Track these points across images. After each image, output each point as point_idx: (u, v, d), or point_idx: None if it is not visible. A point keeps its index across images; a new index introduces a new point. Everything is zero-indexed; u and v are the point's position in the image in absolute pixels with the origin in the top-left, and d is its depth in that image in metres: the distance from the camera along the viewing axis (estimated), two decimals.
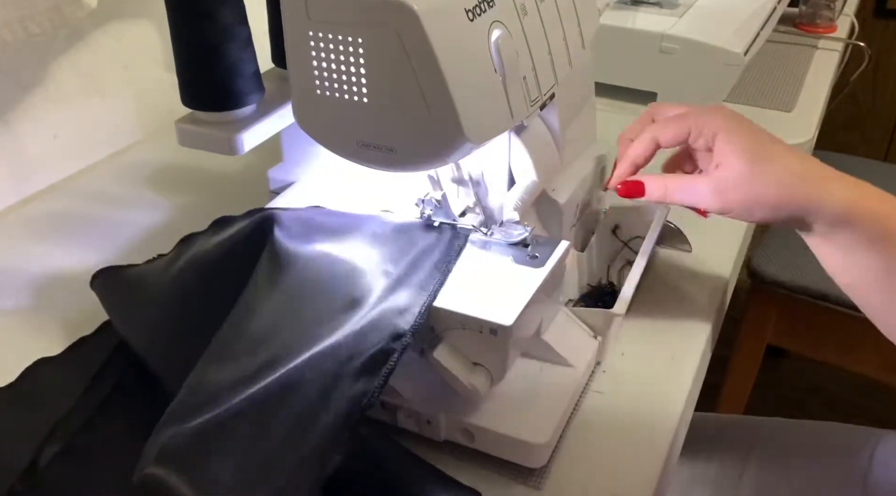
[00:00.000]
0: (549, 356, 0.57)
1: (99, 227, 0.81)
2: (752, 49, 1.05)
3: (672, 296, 0.70)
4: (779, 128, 1.04)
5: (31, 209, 0.84)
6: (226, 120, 0.58)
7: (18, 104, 0.84)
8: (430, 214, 0.59)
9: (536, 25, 0.53)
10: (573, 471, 0.54)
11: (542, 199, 0.64)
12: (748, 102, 1.10)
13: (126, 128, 0.98)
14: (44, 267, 0.74)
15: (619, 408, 0.58)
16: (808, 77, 1.19)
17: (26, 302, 0.70)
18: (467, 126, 0.46)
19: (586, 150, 0.71)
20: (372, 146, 0.49)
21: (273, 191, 0.72)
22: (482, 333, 0.50)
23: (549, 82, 0.56)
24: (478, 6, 0.47)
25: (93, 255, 0.75)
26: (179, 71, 0.57)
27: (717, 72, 1.03)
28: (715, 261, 0.75)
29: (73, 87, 0.90)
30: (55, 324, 0.66)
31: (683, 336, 0.65)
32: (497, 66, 0.49)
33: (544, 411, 0.54)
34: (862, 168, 1.61)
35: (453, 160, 0.51)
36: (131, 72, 0.97)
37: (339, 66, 0.47)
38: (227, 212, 0.59)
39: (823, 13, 1.33)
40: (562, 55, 0.57)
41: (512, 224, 0.58)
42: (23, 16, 0.74)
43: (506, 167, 0.63)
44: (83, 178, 0.91)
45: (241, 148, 0.58)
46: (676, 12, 1.10)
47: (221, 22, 0.55)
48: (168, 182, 0.89)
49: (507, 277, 0.54)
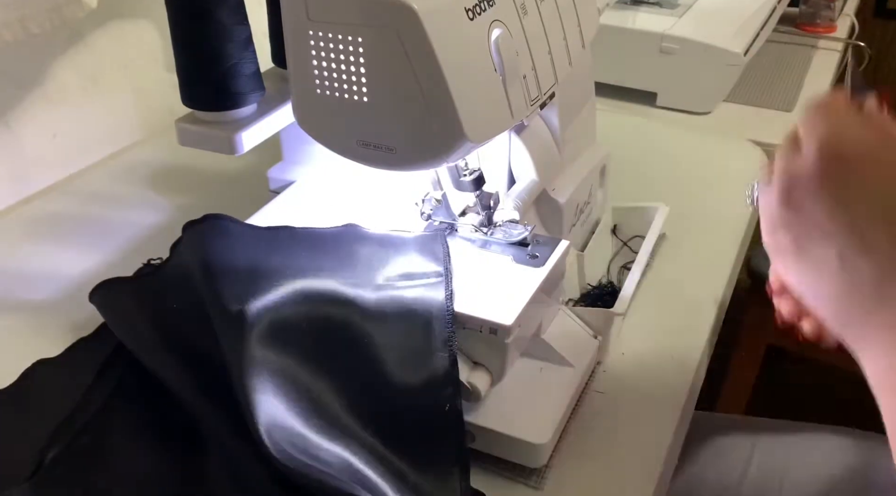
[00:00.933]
0: (550, 356, 0.57)
1: (99, 227, 0.81)
2: (752, 49, 1.05)
3: (672, 296, 0.70)
4: (779, 128, 1.04)
5: (31, 209, 0.84)
6: (225, 119, 0.58)
7: (18, 104, 0.84)
8: (430, 214, 0.59)
9: (536, 25, 0.53)
10: (573, 471, 0.54)
11: (542, 199, 0.64)
12: (748, 102, 1.10)
13: (126, 128, 0.98)
14: (43, 267, 0.74)
15: (619, 408, 0.58)
16: (808, 77, 1.19)
17: (25, 302, 0.70)
18: (467, 125, 0.46)
19: (586, 150, 0.71)
20: (372, 146, 0.49)
21: (273, 190, 0.72)
22: (482, 333, 0.50)
23: (549, 82, 0.56)
24: (478, 5, 0.47)
25: (93, 255, 0.75)
26: (179, 71, 0.57)
27: (717, 72, 1.03)
28: (715, 261, 0.75)
29: (72, 87, 0.90)
30: (54, 325, 0.66)
31: (683, 336, 0.65)
32: (497, 65, 0.49)
33: (544, 411, 0.54)
34: None
35: (453, 160, 0.51)
36: (131, 72, 0.97)
37: (339, 66, 0.47)
38: (227, 211, 0.59)
39: (823, 13, 1.33)
40: (562, 55, 0.57)
41: (512, 224, 0.58)
42: (23, 16, 0.74)
43: (506, 167, 0.63)
44: (83, 178, 0.91)
45: (241, 147, 0.58)
46: (676, 12, 1.10)
47: (221, 22, 0.55)
48: (168, 182, 0.89)
49: (507, 277, 0.54)
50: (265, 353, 0.50)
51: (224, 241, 0.56)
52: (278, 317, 0.52)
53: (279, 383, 0.49)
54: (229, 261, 0.54)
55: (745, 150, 0.95)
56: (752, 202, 0.46)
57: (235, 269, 0.54)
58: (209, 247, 0.55)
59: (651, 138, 0.98)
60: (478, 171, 0.57)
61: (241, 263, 0.54)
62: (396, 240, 0.57)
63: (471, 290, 0.52)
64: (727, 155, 0.94)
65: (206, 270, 0.54)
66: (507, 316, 0.49)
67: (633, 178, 0.85)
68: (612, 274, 0.72)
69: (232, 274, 0.54)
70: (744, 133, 0.99)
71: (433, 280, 0.53)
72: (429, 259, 0.55)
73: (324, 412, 0.49)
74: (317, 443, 0.47)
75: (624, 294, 0.60)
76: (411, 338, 0.51)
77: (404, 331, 0.51)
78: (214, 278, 0.53)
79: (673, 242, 0.76)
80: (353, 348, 0.51)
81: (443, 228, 0.58)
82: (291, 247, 0.56)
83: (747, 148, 0.95)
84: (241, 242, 0.56)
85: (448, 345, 0.50)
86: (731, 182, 0.88)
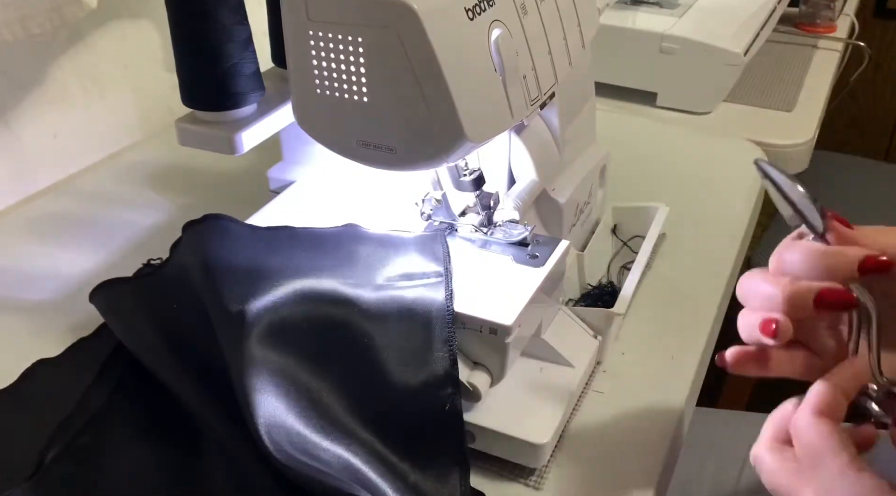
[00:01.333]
0: (550, 356, 0.57)
1: (99, 227, 0.81)
2: (752, 49, 1.05)
3: (672, 296, 0.70)
4: (779, 128, 1.04)
5: (31, 209, 0.84)
6: (226, 119, 0.58)
7: (18, 104, 0.84)
8: (430, 214, 0.59)
9: (536, 25, 0.53)
10: (573, 471, 0.54)
11: (542, 199, 0.64)
12: (748, 102, 1.10)
13: (126, 128, 0.98)
14: (43, 267, 0.74)
15: (619, 408, 0.58)
16: (808, 77, 1.19)
17: (25, 302, 0.70)
18: (467, 125, 0.46)
19: (586, 150, 0.71)
20: (372, 145, 0.49)
21: (273, 190, 0.72)
22: (482, 333, 0.50)
23: (549, 82, 0.56)
24: (478, 5, 0.47)
25: (93, 255, 0.75)
26: (179, 71, 0.57)
27: (717, 72, 1.03)
28: (715, 261, 0.75)
29: (73, 87, 0.90)
30: (55, 325, 0.66)
31: (683, 336, 0.65)
32: (497, 65, 0.49)
33: (544, 411, 0.54)
34: (862, 168, 1.61)
35: (453, 160, 0.51)
36: (131, 72, 0.97)
37: (339, 66, 0.47)
38: (227, 211, 0.59)
39: (823, 13, 1.33)
40: (562, 55, 0.57)
41: (512, 224, 0.58)
42: (23, 16, 0.74)
43: (506, 166, 0.63)
44: (83, 178, 0.91)
45: (241, 147, 0.58)
46: (676, 12, 1.10)
47: (221, 22, 0.55)
48: (168, 182, 0.89)
49: (507, 277, 0.54)
50: (265, 353, 0.50)
51: (224, 241, 0.56)
52: (278, 317, 0.52)
53: (279, 383, 0.49)
54: (229, 262, 0.54)
55: (745, 150, 0.95)
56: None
57: (235, 270, 0.54)
58: (209, 247, 0.55)
59: (651, 138, 0.98)
60: (478, 171, 0.57)
61: (240, 263, 0.54)
62: (396, 240, 0.57)
63: (471, 290, 0.52)
64: (727, 155, 0.94)
65: (206, 271, 0.54)
66: (507, 316, 0.49)
67: (633, 178, 0.85)
68: (612, 274, 0.72)
69: (231, 274, 0.54)
70: (744, 133, 1.00)
71: (433, 280, 0.53)
72: (429, 259, 0.55)
73: (324, 412, 0.49)
74: (316, 443, 0.47)
75: (624, 294, 0.60)
76: (411, 338, 0.51)
77: (404, 330, 0.51)
78: (214, 278, 0.53)
79: (673, 242, 0.76)
80: (352, 348, 0.51)
81: (443, 228, 0.58)
82: (291, 247, 0.56)
83: (747, 148, 0.95)
84: (241, 243, 0.56)
85: (448, 344, 0.50)
86: (731, 182, 0.88)
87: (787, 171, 0.43)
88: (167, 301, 0.58)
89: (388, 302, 0.53)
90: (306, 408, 0.49)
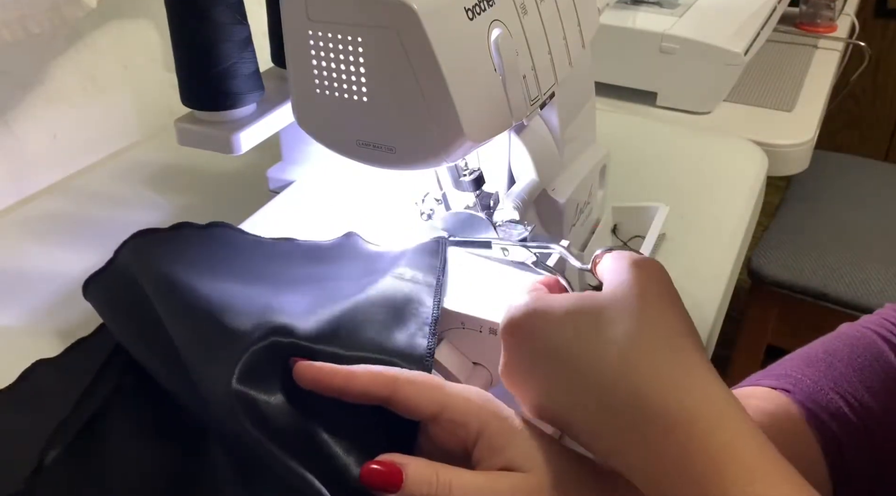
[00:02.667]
0: None
1: (99, 227, 0.81)
2: (752, 49, 1.05)
3: None
4: (779, 128, 1.04)
5: (31, 209, 0.84)
6: (225, 119, 0.58)
7: (18, 104, 0.84)
8: (430, 214, 0.59)
9: (536, 25, 0.53)
10: None
11: (542, 199, 0.64)
12: (748, 102, 1.10)
13: (126, 128, 0.98)
14: (43, 267, 0.74)
15: None
16: (808, 77, 1.19)
17: (25, 302, 0.70)
18: (467, 125, 0.46)
19: (586, 150, 0.71)
20: (371, 145, 0.49)
21: (272, 190, 0.72)
22: (482, 333, 0.50)
23: (549, 82, 0.56)
24: (477, 5, 0.47)
25: (92, 255, 0.75)
26: (179, 70, 0.57)
27: (717, 72, 1.03)
28: (715, 261, 0.75)
29: (72, 87, 0.90)
30: (54, 325, 0.66)
31: None
32: (497, 65, 0.49)
33: None
34: (862, 168, 1.61)
35: (453, 159, 0.51)
36: (131, 72, 0.97)
37: (339, 66, 0.47)
38: (227, 211, 0.59)
39: (823, 13, 1.33)
40: (562, 55, 0.57)
41: (512, 224, 0.58)
42: (23, 16, 0.74)
43: (506, 166, 0.63)
44: (82, 178, 0.91)
45: (240, 147, 0.58)
46: (676, 12, 1.10)
47: (221, 21, 0.55)
48: (168, 182, 0.89)
49: (506, 277, 0.54)
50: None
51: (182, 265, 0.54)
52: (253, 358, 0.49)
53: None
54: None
55: (745, 150, 0.95)
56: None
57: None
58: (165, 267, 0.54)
59: (651, 138, 0.98)
60: (478, 171, 0.57)
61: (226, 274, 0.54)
62: (391, 254, 0.57)
63: (470, 290, 0.52)
64: (727, 155, 0.94)
65: (171, 283, 0.52)
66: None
67: (633, 178, 0.85)
68: None
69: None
70: (744, 133, 1.00)
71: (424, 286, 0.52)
72: (424, 270, 0.54)
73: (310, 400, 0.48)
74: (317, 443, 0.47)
75: None
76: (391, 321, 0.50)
77: (382, 314, 0.50)
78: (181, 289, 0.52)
79: (673, 242, 0.76)
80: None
81: (444, 238, 0.57)
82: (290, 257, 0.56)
83: (747, 148, 0.95)
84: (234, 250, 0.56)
85: (428, 349, 0.49)
86: (731, 182, 0.88)
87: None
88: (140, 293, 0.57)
89: (374, 289, 0.52)
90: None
